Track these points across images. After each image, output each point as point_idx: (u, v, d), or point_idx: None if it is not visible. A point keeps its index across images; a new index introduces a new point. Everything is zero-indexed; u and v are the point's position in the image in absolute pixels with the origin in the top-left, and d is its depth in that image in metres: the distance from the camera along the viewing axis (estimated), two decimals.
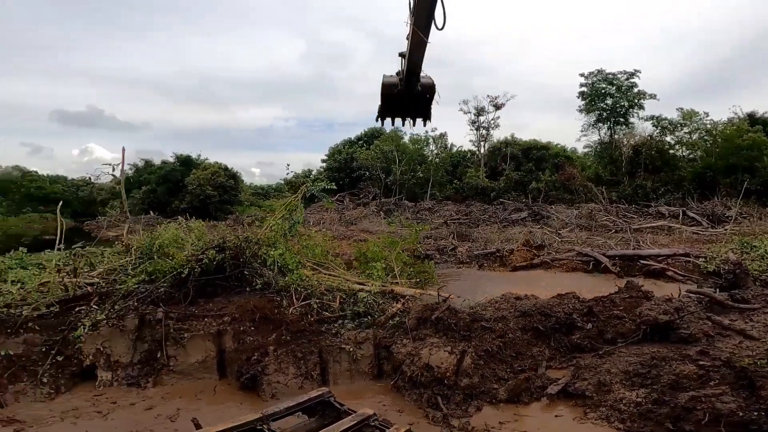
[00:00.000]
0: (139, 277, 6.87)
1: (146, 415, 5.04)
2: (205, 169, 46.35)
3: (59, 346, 5.77)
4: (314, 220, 24.30)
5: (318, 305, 6.57)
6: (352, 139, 50.47)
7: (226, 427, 3.41)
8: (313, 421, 4.06)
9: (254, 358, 5.65)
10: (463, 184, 40.39)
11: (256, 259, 7.22)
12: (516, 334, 6.10)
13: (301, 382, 5.55)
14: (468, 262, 14.37)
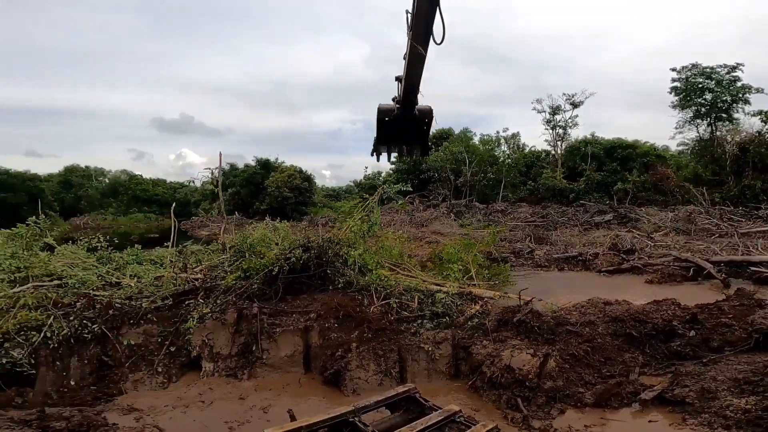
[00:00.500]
0: (236, 274, 7.41)
1: (242, 405, 5.32)
2: (282, 171, 48.97)
3: (172, 337, 6.22)
4: (385, 222, 24.69)
5: (397, 305, 6.71)
6: None
7: (320, 419, 3.60)
8: (397, 416, 4.16)
9: (338, 354, 5.85)
10: (538, 185, 38.63)
11: (337, 258, 7.50)
12: (605, 340, 5.89)
13: (380, 379, 5.70)
14: (546, 266, 13.81)
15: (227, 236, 10.33)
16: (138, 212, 49.91)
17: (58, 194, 50.04)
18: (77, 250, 8.47)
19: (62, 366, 5.71)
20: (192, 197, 58.13)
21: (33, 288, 6.55)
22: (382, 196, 9.05)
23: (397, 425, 3.83)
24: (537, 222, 24.14)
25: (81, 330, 5.83)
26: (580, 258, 13.81)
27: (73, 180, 54.46)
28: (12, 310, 5.87)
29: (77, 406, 5.02)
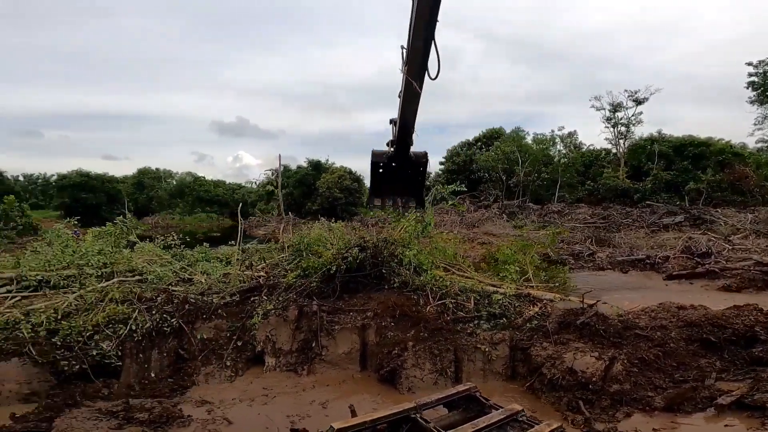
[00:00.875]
0: (296, 273, 7.71)
1: (302, 400, 5.51)
2: (332, 173, 50.04)
3: (239, 332, 6.49)
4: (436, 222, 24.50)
5: (453, 305, 6.72)
6: (470, 140, 49.83)
7: (382, 414, 3.70)
8: (455, 414, 4.20)
9: (394, 353, 5.93)
10: (598, 185, 36.67)
11: (393, 258, 7.61)
12: (678, 344, 5.68)
13: (435, 378, 5.75)
14: (609, 269, 13.15)
15: (285, 236, 10.75)
16: (201, 212, 53.00)
17: (132, 195, 54.44)
18: (154, 248, 9.18)
19: (144, 358, 6.06)
20: (249, 198, 60.93)
21: (118, 283, 7.20)
22: (435, 196, 9.02)
23: (456, 423, 3.86)
24: (598, 223, 22.93)
25: (161, 324, 6.21)
26: (648, 261, 13.01)
27: (145, 181, 58.96)
28: (101, 304, 6.38)
29: (157, 397, 5.37)
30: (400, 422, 3.73)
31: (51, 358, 5.50)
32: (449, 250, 9.01)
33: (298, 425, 4.88)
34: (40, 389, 5.42)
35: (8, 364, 5.40)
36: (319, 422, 4.79)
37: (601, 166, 39.63)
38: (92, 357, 5.65)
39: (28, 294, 6.83)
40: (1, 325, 5.73)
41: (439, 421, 3.91)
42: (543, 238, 14.42)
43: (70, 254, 7.60)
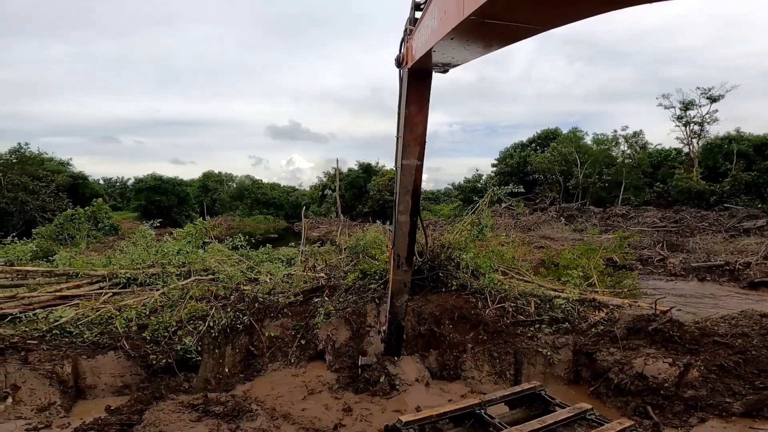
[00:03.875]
0: (354, 275, 7.97)
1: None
2: (383, 175, 50.40)
3: (303, 331, 6.77)
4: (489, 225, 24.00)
5: (513, 308, 6.70)
6: (524, 142, 48.33)
7: (447, 409, 3.81)
8: (518, 411, 4.21)
9: (454, 354, 6.00)
10: (668, 187, 34.09)
11: (450, 262, 7.62)
12: (761, 352, 5.39)
13: (494, 380, 5.77)
14: (683, 275, 12.27)
15: (342, 238, 11.06)
16: (259, 214, 55.39)
17: (198, 197, 58.10)
18: (223, 248, 9.83)
19: (219, 354, 6.44)
20: (302, 200, 62.86)
21: (195, 281, 7.79)
22: (492, 198, 8.89)
23: (520, 420, 3.90)
24: (669, 227, 21.36)
25: (235, 321, 6.61)
26: (727, 267, 12.00)
27: (209, 184, 62.62)
28: (182, 301, 6.88)
29: (230, 391, 5.71)
30: (464, 417, 3.82)
31: (142, 352, 5.95)
32: (507, 254, 8.85)
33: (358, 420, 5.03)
34: (132, 382, 5.87)
35: (105, 357, 5.88)
36: (380, 416, 4.95)
37: (671, 167, 36.83)
38: (176, 352, 6.07)
39: (119, 290, 7.57)
40: (97, 319, 6.30)
41: (502, 418, 3.95)
42: (607, 242, 13.69)
43: (153, 254, 8.36)
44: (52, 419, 4.95)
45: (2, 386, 5.19)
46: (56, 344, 5.81)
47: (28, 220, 28.61)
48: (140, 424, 4.74)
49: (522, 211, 14.58)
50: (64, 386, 5.46)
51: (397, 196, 4.37)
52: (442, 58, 3.09)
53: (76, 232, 14.90)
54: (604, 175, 36.79)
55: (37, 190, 31.42)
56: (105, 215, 22.73)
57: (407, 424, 3.53)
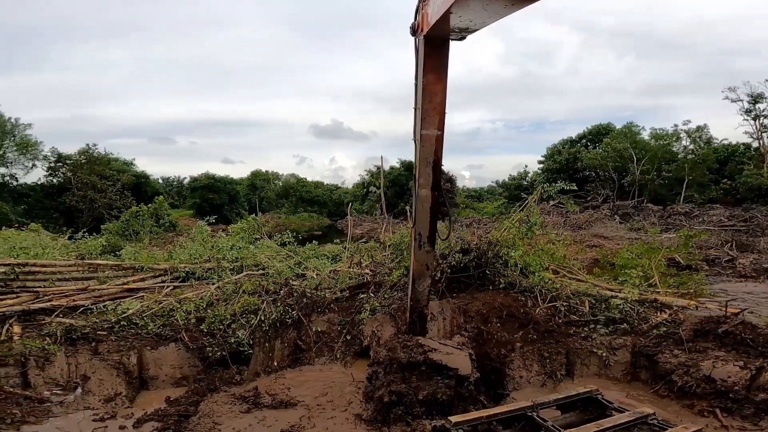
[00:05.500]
0: (399, 271, 7.95)
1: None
2: None
3: (349, 327, 6.81)
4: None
5: (565, 308, 6.51)
6: (573, 138, 46.42)
7: (498, 410, 3.76)
8: (572, 415, 4.10)
9: (501, 353, 5.88)
10: (736, 183, 31.46)
11: (497, 260, 7.48)
12: None
13: (543, 380, 5.65)
14: (753, 276, 11.45)
15: (387, 235, 11.13)
16: (303, 212, 56.93)
17: (246, 195, 60.66)
18: (272, 245, 10.17)
19: (269, 347, 6.61)
20: (345, 198, 63.73)
21: (247, 276, 8.12)
22: (541, 195, 8.59)
23: (574, 423, 3.78)
24: (737, 226, 19.73)
25: (284, 315, 6.78)
26: None
27: (257, 183, 65.18)
28: (236, 295, 7.16)
29: (278, 383, 5.82)
30: (515, 419, 3.75)
31: (200, 344, 6.22)
32: (558, 252, 8.53)
33: None
34: (189, 373, 6.14)
35: (167, 348, 6.18)
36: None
37: (739, 163, 33.94)
38: (230, 344, 6.31)
39: (179, 284, 8.02)
40: (159, 312, 6.67)
41: (555, 421, 3.86)
42: (668, 242, 12.85)
43: (209, 249, 8.81)
44: (117, 410, 5.20)
45: (73, 376, 5.53)
46: (123, 335, 6.16)
47: (97, 216, 31.13)
48: (196, 416, 4.99)
49: (573, 208, 13.94)
50: (130, 377, 5.77)
51: (417, 169, 4.14)
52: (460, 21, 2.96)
53: (140, 228, 16.08)
54: (664, 171, 34.58)
55: (104, 188, 34.09)
56: (165, 212, 24.26)
57: (457, 425, 3.50)
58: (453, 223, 7.83)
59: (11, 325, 5.98)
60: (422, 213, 4.26)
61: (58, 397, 5.24)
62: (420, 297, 5.03)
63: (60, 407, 5.09)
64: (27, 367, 5.37)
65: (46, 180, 36.17)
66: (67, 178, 34.60)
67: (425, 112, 3.80)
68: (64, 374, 5.52)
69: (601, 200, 33.74)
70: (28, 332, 5.94)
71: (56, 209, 32.99)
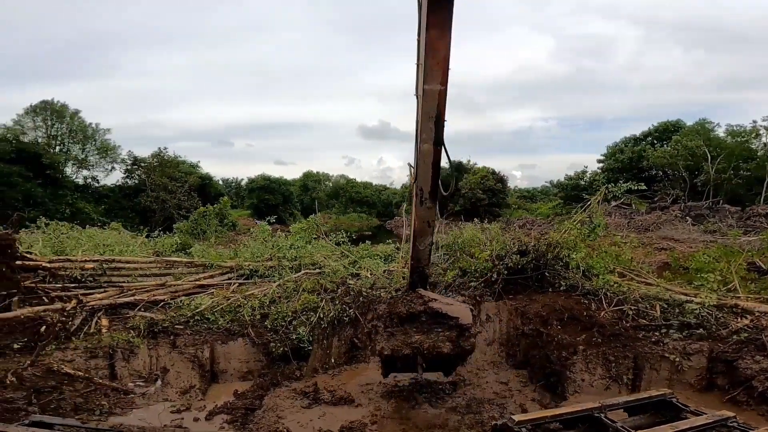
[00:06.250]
0: (453, 272, 7.97)
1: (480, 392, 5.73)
2: (474, 173, 49.39)
3: None
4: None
5: (633, 312, 6.26)
6: (637, 136, 43.69)
7: (563, 410, 3.66)
8: (641, 418, 3.94)
9: (563, 356, 5.76)
10: None
11: (557, 261, 7.28)
12: None
13: (607, 384, 5.53)
14: None
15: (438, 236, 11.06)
16: (353, 212, 57.95)
17: (299, 196, 62.72)
18: (327, 244, 10.47)
19: (327, 344, 6.83)
20: (393, 198, 64.02)
21: (305, 275, 8.40)
22: (605, 196, 8.20)
23: (644, 426, 3.63)
24: None
25: (342, 313, 6.97)
26: None
27: (309, 184, 67.25)
28: (296, 293, 7.42)
29: (335, 380, 6.06)
30: (579, 421, 3.64)
31: (264, 339, 6.51)
32: (624, 255, 8.15)
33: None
34: (254, 368, 6.43)
35: (235, 343, 6.50)
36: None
37: None
38: (291, 341, 6.57)
39: (243, 281, 8.44)
40: (227, 308, 7.04)
41: (624, 423, 3.69)
42: (747, 245, 11.76)
43: (270, 248, 9.24)
44: (191, 402, 5.44)
45: (154, 368, 5.84)
46: (197, 330, 6.49)
47: (168, 216, 33.54)
48: (260, 409, 5.21)
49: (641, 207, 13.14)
50: (203, 370, 6.08)
51: (419, 124, 4.02)
52: None
53: (207, 227, 17.18)
54: (742, 170, 31.58)
55: (174, 189, 36.63)
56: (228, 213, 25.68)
57: (519, 424, 3.47)
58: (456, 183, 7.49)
59: (100, 318, 6.35)
60: (424, 168, 4.17)
61: (140, 388, 5.51)
62: (421, 256, 4.89)
63: (142, 399, 5.33)
64: (114, 359, 5.69)
65: (124, 182, 39.53)
66: (141, 180, 37.62)
67: (428, 67, 3.71)
68: (146, 366, 5.84)
69: (671, 201, 31.41)
70: (114, 325, 6.30)
71: (132, 209, 35.90)
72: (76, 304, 6.20)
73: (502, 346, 6.82)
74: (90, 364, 5.53)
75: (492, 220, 33.45)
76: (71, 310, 6.06)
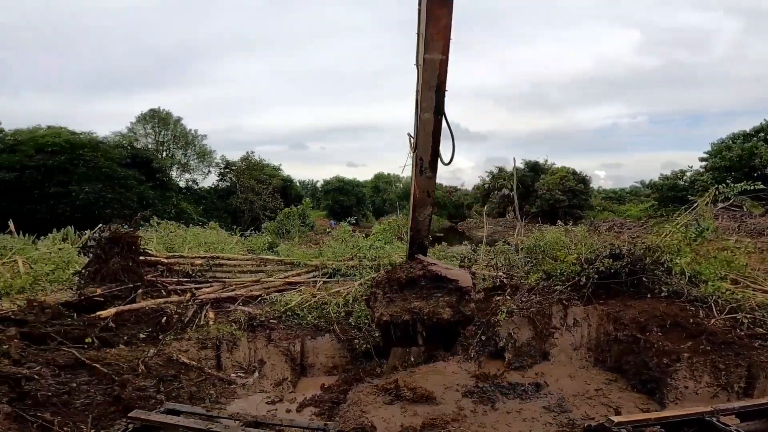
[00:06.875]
0: (537, 275, 7.71)
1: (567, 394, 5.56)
2: (553, 173, 47.00)
3: (484, 328, 6.76)
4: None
5: (748, 320, 5.79)
6: (746, 131, 38.83)
7: (669, 413, 3.51)
8: (757, 423, 3.62)
9: (664, 362, 5.53)
10: None
11: (657, 266, 6.81)
12: None
13: (714, 392, 5.20)
14: None
15: (519, 238, 10.80)
16: None
17: (371, 197, 64.15)
18: (403, 245, 10.64)
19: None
20: (465, 200, 62.96)
21: None
22: (715, 197, 7.46)
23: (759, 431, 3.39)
24: None
25: None
26: None
27: (380, 185, 68.47)
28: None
29: (414, 377, 5.95)
30: (685, 424, 3.42)
31: (348, 336, 6.76)
32: (737, 261, 7.37)
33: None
34: (339, 363, 6.67)
35: (323, 338, 6.80)
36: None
37: None
38: (374, 338, 6.73)
39: (327, 280, 8.87)
40: (314, 305, 7.41)
41: (739, 427, 3.43)
42: None
43: (350, 248, 9.65)
44: (283, 394, 5.68)
45: (252, 360, 6.23)
46: (289, 325, 6.89)
47: (254, 216, 36.23)
48: (345, 403, 5.36)
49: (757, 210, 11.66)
50: (294, 363, 6.41)
51: (420, 93, 3.92)
52: None
53: (291, 227, 18.36)
54: None
55: (260, 191, 39.50)
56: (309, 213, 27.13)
57: (619, 425, 3.33)
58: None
59: (207, 311, 6.89)
60: (424, 137, 4.10)
61: (241, 379, 5.79)
62: (420, 226, 4.78)
63: (242, 389, 5.58)
64: (220, 350, 6.07)
65: (217, 184, 43.37)
66: (232, 182, 41.07)
67: (429, 37, 3.61)
68: (245, 358, 6.18)
69: None
70: (219, 318, 6.76)
71: (225, 209, 39.27)
72: (190, 297, 6.96)
73: (590, 351, 6.57)
74: (201, 354, 5.92)
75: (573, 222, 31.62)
76: (186, 303, 6.80)
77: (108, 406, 4.17)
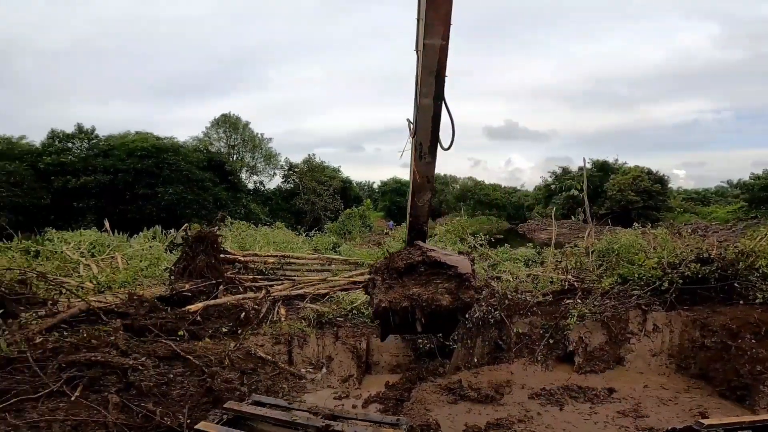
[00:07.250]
0: (611, 279, 7.38)
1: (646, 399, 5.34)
2: (625, 173, 44.12)
3: (552, 331, 6.69)
4: None
5: None
6: None
7: (764, 417, 3.40)
8: None
9: (757, 369, 5.27)
10: None
11: (752, 272, 6.31)
12: None
13: None
14: None
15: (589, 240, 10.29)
16: (481, 215, 56.70)
17: None
18: (464, 247, 10.54)
19: (471, 344, 6.77)
20: (525, 201, 60.66)
21: None
22: None
23: None
24: None
25: (487, 315, 6.87)
26: None
27: (436, 186, 68.04)
28: None
29: (479, 378, 6.05)
30: None
31: (412, 336, 6.62)
32: None
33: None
34: (402, 362, 6.73)
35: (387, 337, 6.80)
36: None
37: None
38: (438, 338, 6.63)
39: None
40: None
41: None
42: None
43: None
44: (349, 390, 5.76)
45: (321, 356, 6.38)
46: (355, 323, 7.01)
47: (316, 217, 37.61)
48: (409, 401, 5.43)
49: None
50: (359, 360, 6.51)
51: (419, 79, 3.79)
52: None
53: (352, 227, 18.90)
54: None
55: (321, 192, 40.92)
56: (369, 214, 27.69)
57: (709, 428, 3.16)
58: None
59: (279, 308, 7.10)
60: (423, 122, 4.01)
61: (310, 374, 5.91)
62: (420, 212, 4.62)
63: (311, 384, 5.71)
64: (292, 345, 6.23)
65: (282, 186, 45.48)
66: (295, 184, 42.90)
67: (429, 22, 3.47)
68: (314, 354, 6.31)
69: None
70: (290, 315, 6.96)
71: (288, 210, 41.06)
72: (265, 293, 7.42)
73: (672, 358, 6.29)
74: (275, 349, 6.17)
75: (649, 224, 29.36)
76: (261, 300, 7.26)
77: (200, 396, 4.41)
